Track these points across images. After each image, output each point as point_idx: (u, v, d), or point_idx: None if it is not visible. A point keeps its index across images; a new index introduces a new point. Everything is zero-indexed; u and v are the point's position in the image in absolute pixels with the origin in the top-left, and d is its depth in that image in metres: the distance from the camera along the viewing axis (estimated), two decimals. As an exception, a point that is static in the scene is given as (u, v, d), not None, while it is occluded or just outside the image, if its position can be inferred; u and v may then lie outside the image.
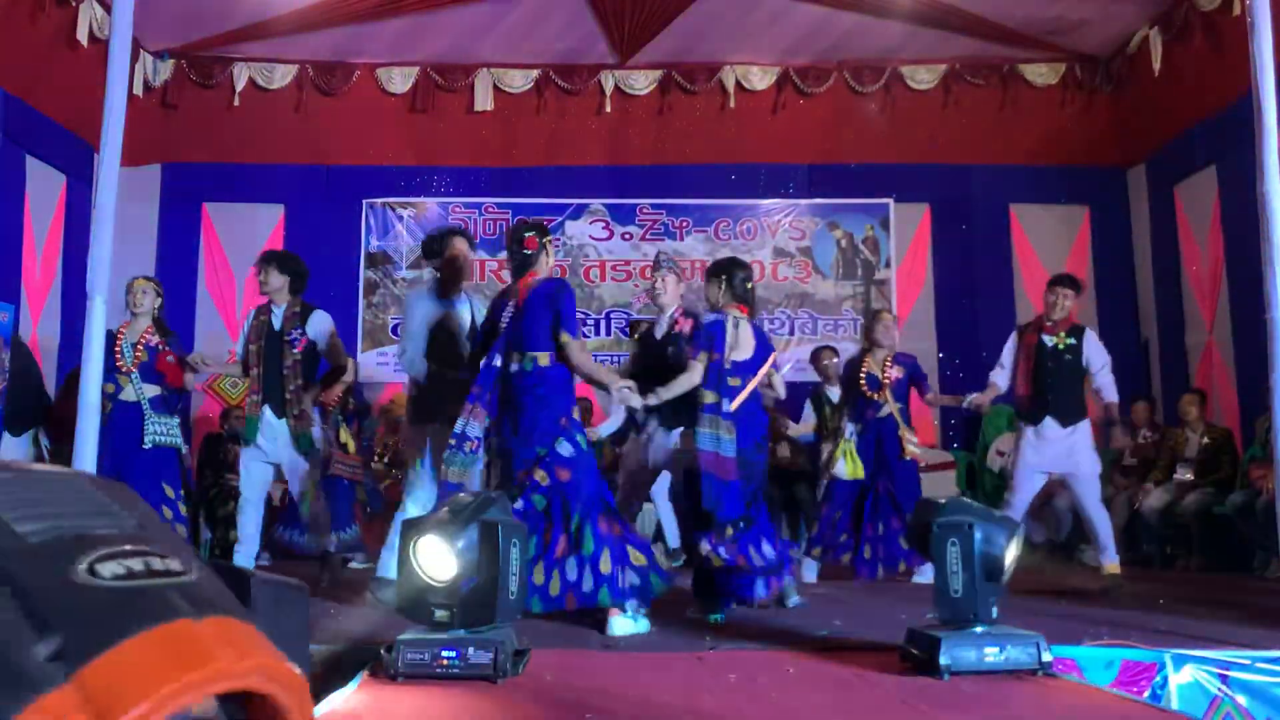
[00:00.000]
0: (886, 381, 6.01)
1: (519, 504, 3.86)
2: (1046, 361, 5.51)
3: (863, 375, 6.05)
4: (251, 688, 0.70)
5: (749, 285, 4.63)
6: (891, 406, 5.99)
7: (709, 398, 4.27)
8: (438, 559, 2.88)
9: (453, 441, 4.02)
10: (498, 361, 4.09)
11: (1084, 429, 5.51)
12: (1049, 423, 5.44)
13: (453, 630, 2.83)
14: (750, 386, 4.45)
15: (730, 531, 4.22)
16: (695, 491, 4.24)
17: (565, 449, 3.98)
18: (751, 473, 4.41)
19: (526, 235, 4.23)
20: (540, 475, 3.94)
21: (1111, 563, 5.44)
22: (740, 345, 4.44)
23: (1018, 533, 3.06)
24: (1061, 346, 5.55)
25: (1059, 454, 5.42)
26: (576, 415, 4.13)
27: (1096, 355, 5.57)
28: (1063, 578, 5.93)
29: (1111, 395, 5.60)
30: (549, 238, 4.30)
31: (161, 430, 5.37)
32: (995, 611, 2.92)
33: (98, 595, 0.67)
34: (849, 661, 3.09)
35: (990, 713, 2.54)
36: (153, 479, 5.26)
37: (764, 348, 4.61)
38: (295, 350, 5.16)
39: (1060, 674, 2.92)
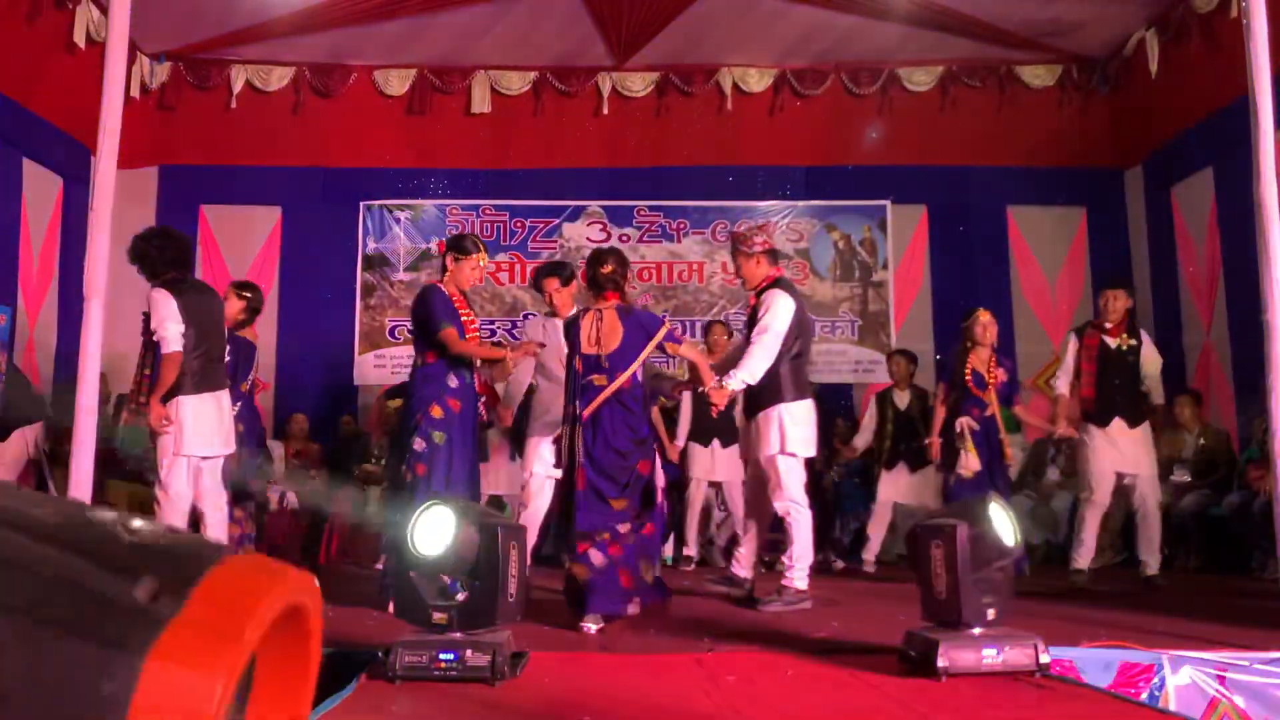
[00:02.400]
0: (992, 382, 5.92)
1: None
2: (1112, 363, 5.60)
3: (968, 373, 5.92)
4: (303, 599, 0.76)
5: (605, 271, 4.36)
6: (995, 407, 5.89)
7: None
8: (433, 536, 2.89)
9: None
10: None
11: (1146, 430, 5.68)
12: (1118, 423, 5.56)
13: (450, 632, 2.84)
14: (619, 381, 4.18)
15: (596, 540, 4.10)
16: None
17: (418, 444, 4.32)
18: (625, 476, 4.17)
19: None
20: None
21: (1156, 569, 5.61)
22: (603, 339, 4.25)
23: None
24: (1125, 348, 5.66)
25: (1128, 455, 5.57)
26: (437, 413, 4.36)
27: (1153, 357, 5.75)
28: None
29: (1160, 398, 5.78)
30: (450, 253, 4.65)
31: None
32: (990, 614, 2.92)
33: (155, 545, 0.71)
34: (847, 663, 3.09)
35: (988, 715, 2.54)
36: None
37: (636, 333, 4.28)
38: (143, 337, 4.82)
39: (1058, 675, 2.92)
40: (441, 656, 2.75)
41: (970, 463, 5.75)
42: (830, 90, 9.18)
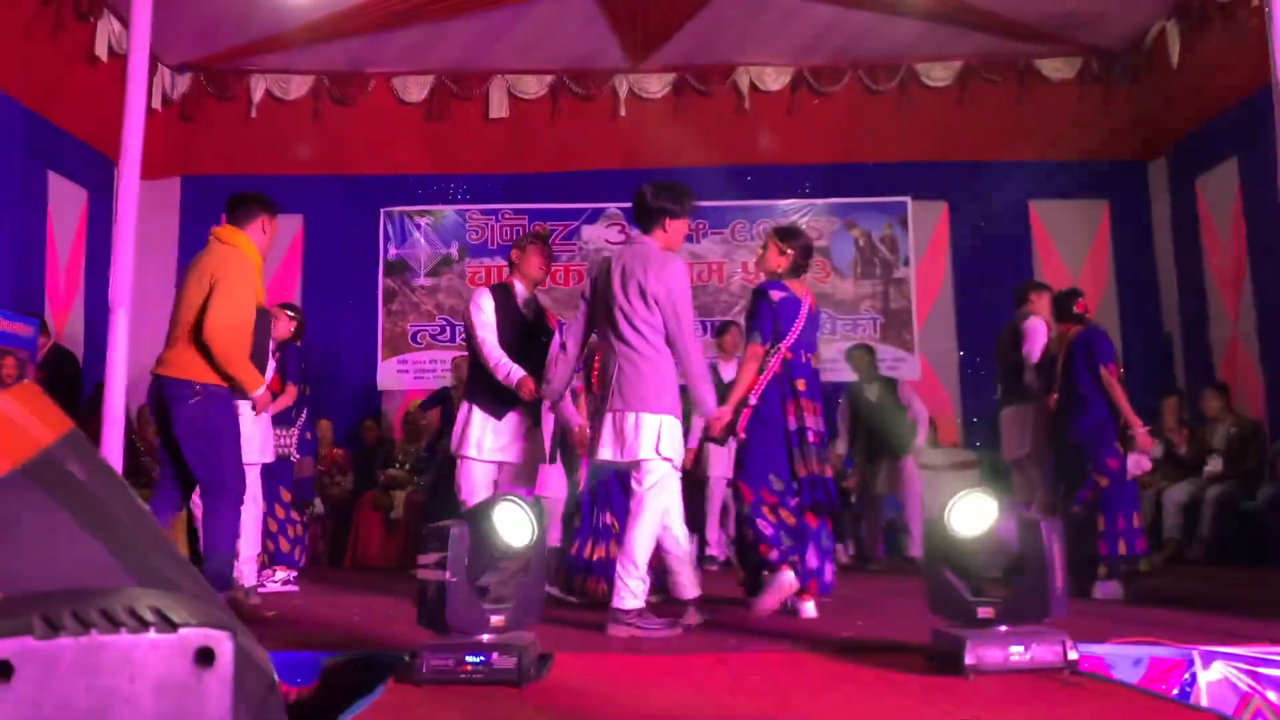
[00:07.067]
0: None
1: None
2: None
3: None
4: None
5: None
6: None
7: None
8: (514, 526, 2.95)
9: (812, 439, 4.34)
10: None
11: None
12: None
13: (500, 633, 2.86)
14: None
15: None
16: None
17: None
18: None
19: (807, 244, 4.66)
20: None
21: None
22: None
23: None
24: None
25: None
26: None
27: None
28: None
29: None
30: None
31: (280, 442, 5.72)
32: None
33: None
34: (872, 662, 3.08)
35: (1016, 712, 2.52)
36: (271, 486, 5.61)
37: None
38: None
39: (1087, 672, 2.90)
40: (468, 659, 2.76)
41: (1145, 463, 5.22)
42: (848, 87, 9.15)
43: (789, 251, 4.59)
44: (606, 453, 4.00)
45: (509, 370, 4.43)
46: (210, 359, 4.03)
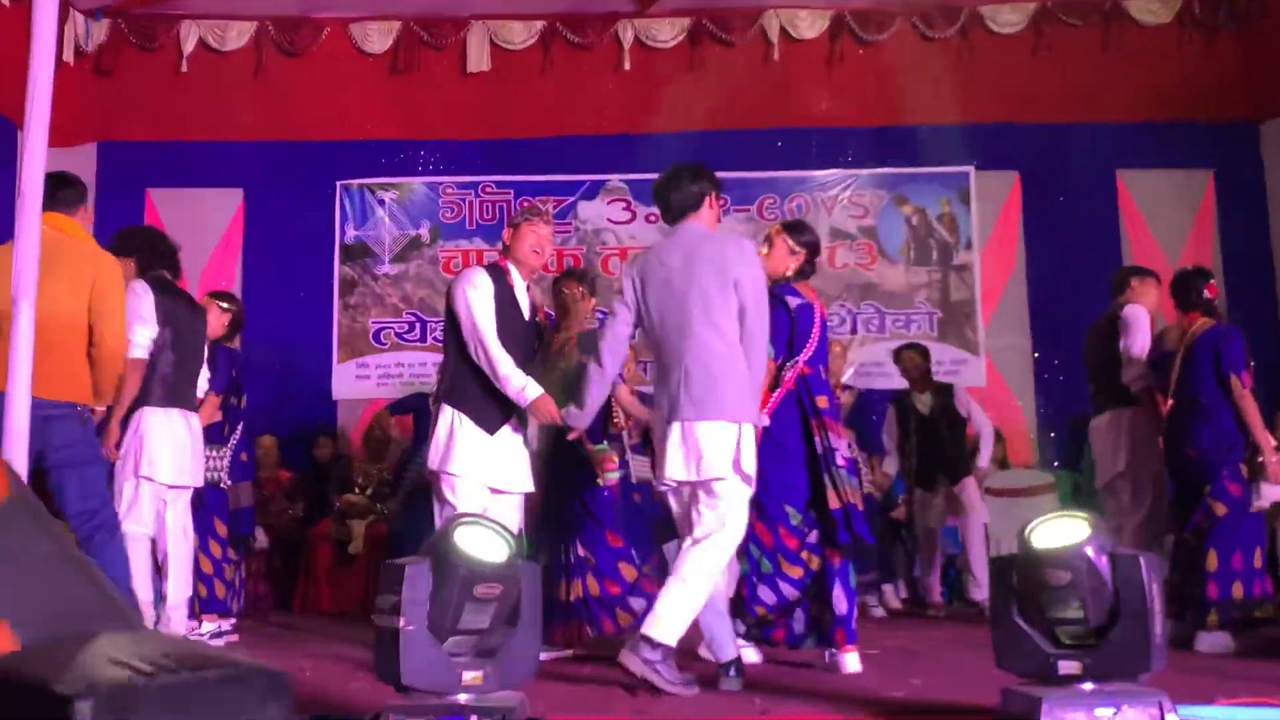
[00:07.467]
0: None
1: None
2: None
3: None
4: None
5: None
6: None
7: None
8: (487, 542, 2.89)
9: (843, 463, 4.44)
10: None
11: None
12: None
13: (480, 693, 2.84)
14: None
15: None
16: None
17: None
18: None
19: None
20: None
21: None
22: None
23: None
24: None
25: None
26: None
27: None
28: None
29: None
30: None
31: (208, 465, 5.64)
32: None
33: None
34: (930, 727, 3.07)
35: (1104, 788, 2.51)
36: (202, 519, 5.59)
37: None
38: None
39: (1189, 739, 2.89)
40: (441, 723, 2.76)
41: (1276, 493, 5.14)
42: (898, 34, 9.14)
43: (799, 250, 4.64)
44: (679, 471, 3.91)
45: (522, 385, 4.23)
46: (101, 378, 4.26)
